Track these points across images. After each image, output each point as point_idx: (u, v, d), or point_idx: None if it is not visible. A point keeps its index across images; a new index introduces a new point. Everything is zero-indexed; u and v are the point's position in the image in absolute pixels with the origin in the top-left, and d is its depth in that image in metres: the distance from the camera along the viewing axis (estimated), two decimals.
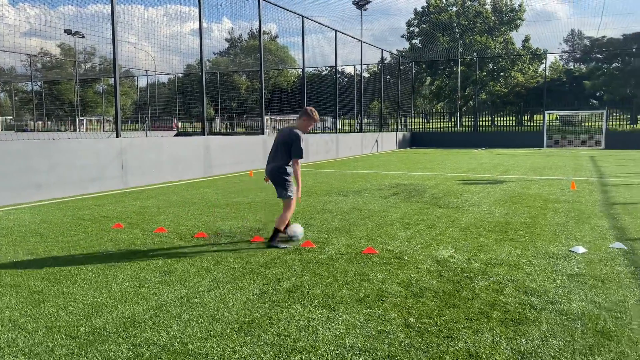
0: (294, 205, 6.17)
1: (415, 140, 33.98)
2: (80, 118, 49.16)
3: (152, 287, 4.53)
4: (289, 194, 6.03)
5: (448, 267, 5.06)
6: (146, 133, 37.78)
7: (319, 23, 21.98)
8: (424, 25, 62.61)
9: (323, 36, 24.05)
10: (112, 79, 13.15)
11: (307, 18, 20.39)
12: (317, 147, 21.32)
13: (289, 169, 6.06)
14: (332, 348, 3.30)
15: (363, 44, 26.65)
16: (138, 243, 6.23)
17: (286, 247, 5.88)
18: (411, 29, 65.51)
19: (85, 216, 8.10)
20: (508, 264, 5.16)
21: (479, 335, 3.48)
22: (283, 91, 49.43)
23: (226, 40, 70.12)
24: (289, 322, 3.73)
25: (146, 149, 12.69)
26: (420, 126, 40.01)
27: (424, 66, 60.38)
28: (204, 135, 15.21)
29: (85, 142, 11.29)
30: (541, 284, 4.54)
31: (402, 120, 36.56)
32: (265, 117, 22.33)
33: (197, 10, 14.30)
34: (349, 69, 48.48)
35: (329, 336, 3.48)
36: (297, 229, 6.25)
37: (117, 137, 12.05)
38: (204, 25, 14.81)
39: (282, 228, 6.03)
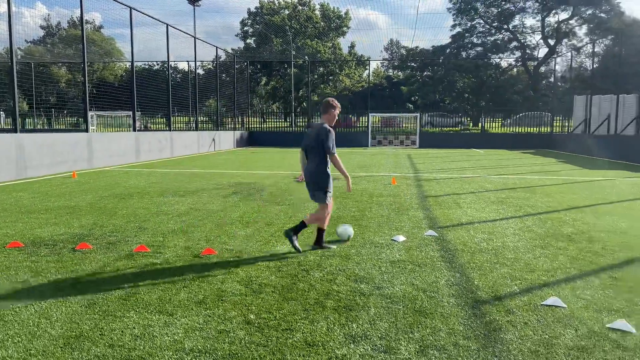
0: (332, 204, 6.01)
1: (253, 140, 34.29)
2: None
3: None
4: (327, 200, 5.70)
5: (286, 262, 5.24)
6: None
7: (149, 16, 20.92)
8: (258, 26, 63.41)
9: (154, 30, 23.03)
10: None
11: (136, 10, 19.28)
12: (150, 145, 20.31)
13: (329, 170, 5.69)
14: (171, 353, 3.21)
15: (197, 40, 26.06)
16: None
17: (331, 248, 5.87)
18: (245, 28, 65.88)
19: None
20: (340, 255, 5.52)
21: (315, 324, 3.67)
22: (110, 85, 45.99)
23: (42, 27, 62.95)
24: (122, 331, 3.52)
25: None
26: (258, 125, 40.50)
27: (259, 66, 61.16)
28: (15, 132, 13.48)
29: None
30: (369, 271, 4.95)
31: (240, 119, 36.61)
32: (91, 113, 20.57)
33: None
34: (183, 65, 47.02)
35: (167, 342, 3.37)
36: (348, 230, 6.31)
37: None
38: (14, 9, 13.11)
39: (325, 227, 5.86)
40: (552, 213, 8.30)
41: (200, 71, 38.61)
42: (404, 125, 37.73)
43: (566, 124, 34.10)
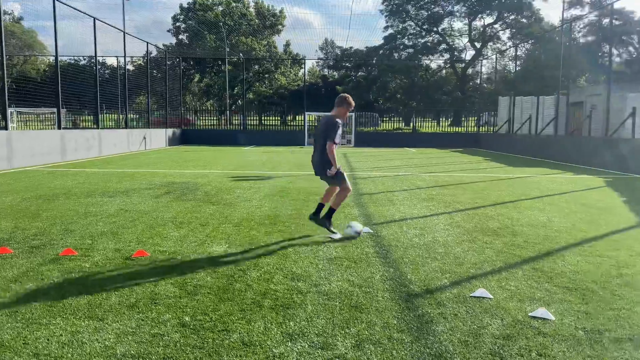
0: (349, 190, 6.32)
1: (186, 138, 33.51)
2: None
3: None
4: (341, 183, 6.07)
5: (222, 263, 5.17)
6: None
7: (75, 9, 19.93)
8: (191, 22, 61.99)
9: (80, 23, 21.82)
10: None
11: (60, 2, 18.29)
12: (77, 144, 19.36)
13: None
14: None
15: (126, 35, 25.11)
16: None
17: (334, 234, 6.10)
18: (177, 24, 64.21)
19: None
20: (277, 254, 5.52)
21: (252, 324, 3.66)
22: (32, 80, 43.36)
23: None
24: (48, 339, 3.35)
25: None
26: (191, 123, 39.60)
27: (192, 63, 59.81)
28: None
29: None
30: (306, 269, 4.98)
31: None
32: (10, 110, 19.31)
33: None
34: (112, 61, 45.13)
35: (98, 348, 3.24)
36: (357, 226, 6.30)
37: None
38: None
39: (337, 208, 6.19)
40: (478, 209, 8.70)
41: (130, 67, 37.18)
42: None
43: (492, 123, 35.79)
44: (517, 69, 36.43)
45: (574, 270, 5.05)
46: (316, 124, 6.67)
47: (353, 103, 6.20)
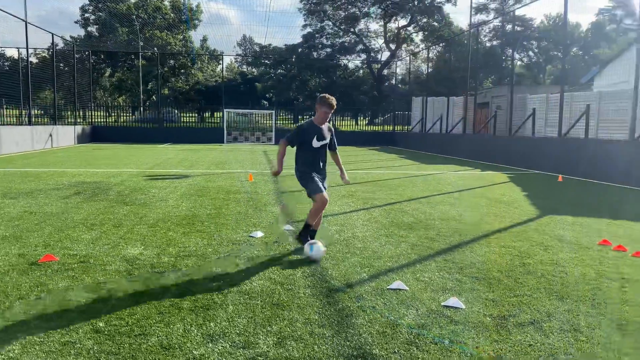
0: (320, 200, 5.44)
1: (97, 135, 31.80)
2: None
3: None
4: (310, 192, 5.43)
5: (138, 265, 4.99)
6: None
7: None
8: (101, 14, 58.83)
9: None
10: None
11: None
12: None
13: (298, 167, 5.70)
14: None
15: (29, 24, 23.39)
16: None
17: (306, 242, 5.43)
18: (86, 15, 60.66)
19: None
20: (196, 255, 5.41)
21: (171, 326, 3.56)
22: None
23: None
24: None
25: None
26: (102, 120, 37.66)
27: (102, 56, 56.81)
28: None
29: None
30: (226, 269, 4.93)
31: (81, 113, 33.71)
32: None
33: None
34: (12, 52, 41.88)
35: None
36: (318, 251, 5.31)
37: None
38: None
39: (311, 223, 5.54)
40: (394, 204, 9.02)
41: (33, 59, 34.66)
42: (259, 121, 37.95)
43: (406, 122, 37.16)
44: (429, 70, 38.07)
45: (481, 261, 5.38)
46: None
47: (329, 103, 5.44)
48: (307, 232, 5.61)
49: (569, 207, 9.25)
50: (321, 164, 5.75)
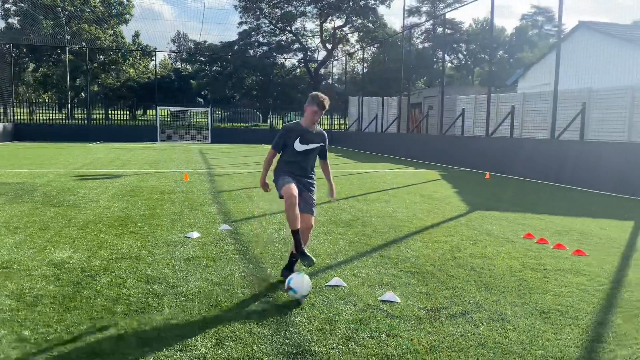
0: (287, 192, 4.44)
1: (21, 133, 29.96)
2: None
3: None
4: (278, 189, 4.67)
5: (67, 269, 4.76)
6: None
7: None
8: (23, 4, 55.43)
9: None
10: None
11: None
12: None
13: (275, 171, 4.90)
14: None
15: None
16: None
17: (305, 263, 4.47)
18: (6, 5, 56.95)
19: None
20: (130, 257, 5.23)
21: (104, 332, 3.44)
22: None
23: None
24: None
25: None
26: (25, 117, 35.52)
27: (25, 50, 53.54)
28: None
29: None
30: (162, 271, 4.80)
31: (2, 110, 31.63)
32: None
33: None
34: None
35: None
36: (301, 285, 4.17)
37: None
38: None
39: (294, 227, 4.47)
40: (332, 202, 9.12)
41: None
42: (194, 119, 37.16)
43: (343, 122, 37.65)
44: (365, 70, 38.75)
45: (415, 256, 5.56)
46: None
47: (320, 101, 4.76)
48: (292, 262, 4.72)
49: (496, 202, 9.73)
50: (305, 171, 5.01)
